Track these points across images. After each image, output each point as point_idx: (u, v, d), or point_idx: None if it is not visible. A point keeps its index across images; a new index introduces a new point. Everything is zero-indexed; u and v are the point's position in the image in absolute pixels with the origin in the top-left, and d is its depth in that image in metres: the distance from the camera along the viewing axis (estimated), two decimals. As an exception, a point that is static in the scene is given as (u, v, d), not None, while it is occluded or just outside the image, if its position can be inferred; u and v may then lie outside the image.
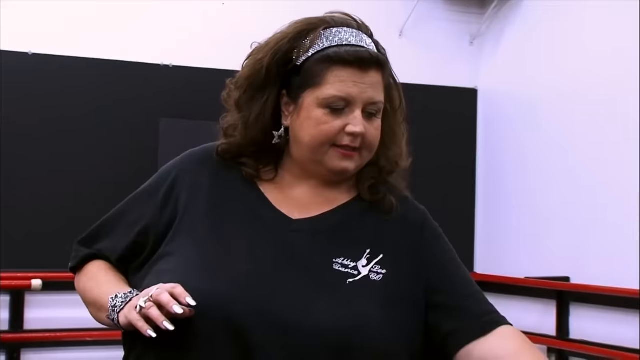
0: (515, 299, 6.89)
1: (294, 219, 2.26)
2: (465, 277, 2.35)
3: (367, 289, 2.19)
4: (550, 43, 6.83)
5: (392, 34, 6.92)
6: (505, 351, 2.20)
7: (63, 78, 6.21)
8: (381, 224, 2.29)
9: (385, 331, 2.16)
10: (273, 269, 2.18)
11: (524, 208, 6.97)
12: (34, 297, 6.05)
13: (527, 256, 6.90)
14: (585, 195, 6.54)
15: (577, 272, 6.56)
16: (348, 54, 2.19)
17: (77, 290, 2.37)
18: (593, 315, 6.49)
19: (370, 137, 2.22)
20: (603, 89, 6.47)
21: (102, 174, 6.10)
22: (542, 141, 6.86)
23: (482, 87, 7.30)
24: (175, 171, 2.34)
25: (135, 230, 2.31)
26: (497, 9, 7.13)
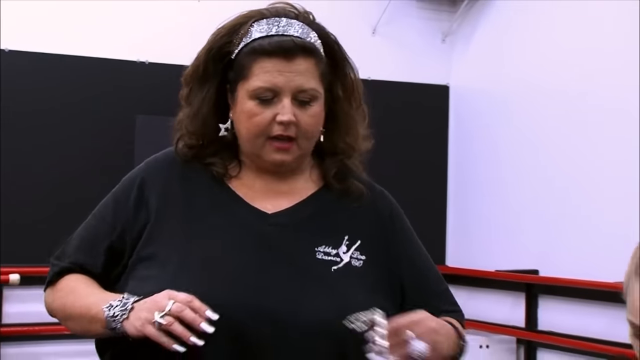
0: (486, 291, 6.93)
1: (270, 213, 2.27)
2: (434, 274, 2.39)
3: (352, 276, 2.23)
4: (521, 40, 6.86)
5: (366, 32, 6.94)
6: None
7: (42, 75, 6.19)
8: (354, 211, 2.31)
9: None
10: (258, 266, 2.19)
11: (494, 203, 6.99)
12: (11, 292, 6.06)
13: (497, 250, 6.92)
14: (554, 190, 6.56)
15: (546, 265, 6.58)
16: (270, 44, 2.20)
17: (49, 306, 2.32)
18: (561, 307, 6.51)
19: (305, 125, 2.21)
20: (574, 85, 6.48)
21: (79, 170, 6.09)
22: (513, 137, 6.88)
23: (454, 84, 7.32)
24: (141, 176, 2.33)
25: (111, 238, 2.29)
26: (468, 7, 7.14)
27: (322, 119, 2.27)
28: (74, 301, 2.24)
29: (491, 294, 6.92)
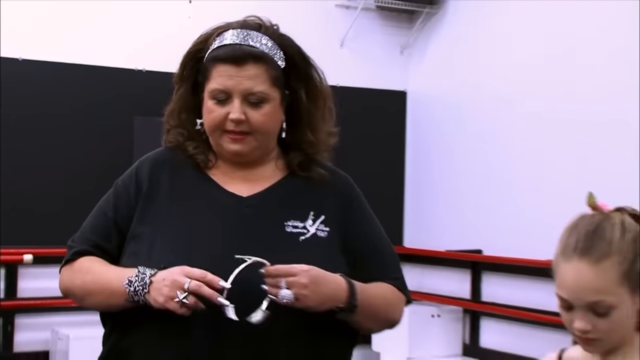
0: (437, 268, 6.94)
1: (244, 196, 2.27)
2: (385, 247, 2.39)
3: (318, 244, 2.24)
4: (469, 52, 6.85)
5: (335, 44, 6.91)
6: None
7: (50, 81, 6.15)
8: (317, 192, 2.31)
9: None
10: (236, 241, 2.19)
11: (446, 193, 6.99)
12: (25, 270, 6.03)
13: (447, 233, 6.92)
14: (497, 182, 6.58)
15: (489, 246, 6.61)
16: (225, 53, 2.21)
17: (65, 282, 2.31)
18: (502, 281, 6.54)
19: (256, 122, 2.21)
20: (517, 92, 6.50)
21: (84, 166, 6.04)
22: (462, 134, 6.89)
23: (411, 90, 7.31)
24: (136, 169, 2.35)
25: (117, 221, 2.29)
26: (423, 24, 7.14)
27: (274, 118, 2.26)
28: (92, 278, 2.23)
29: (442, 271, 6.93)
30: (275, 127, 2.28)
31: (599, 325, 1.88)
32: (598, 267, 1.87)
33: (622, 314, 1.88)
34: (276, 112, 2.26)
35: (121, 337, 2.25)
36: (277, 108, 2.26)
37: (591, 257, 1.88)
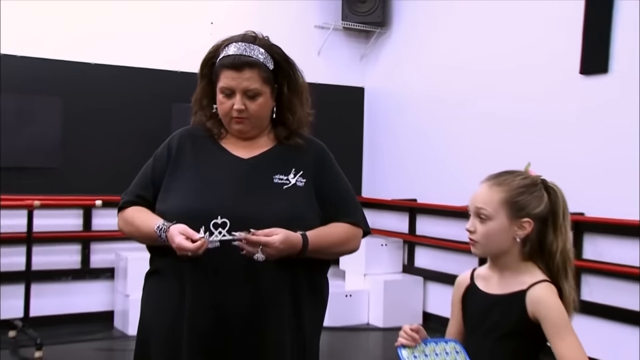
0: (386, 212, 6.94)
1: (245, 158, 2.29)
2: (349, 196, 2.39)
3: (297, 191, 2.26)
4: (408, 60, 6.84)
5: (314, 53, 6.87)
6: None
7: (112, 79, 6.12)
8: (298, 155, 2.32)
9: (310, 217, 2.24)
10: (238, 189, 2.22)
11: (391, 159, 7.00)
12: (96, 211, 6.02)
13: (392, 187, 6.94)
14: (427, 149, 6.60)
15: (422, 195, 6.62)
16: (229, 62, 2.23)
17: (120, 225, 2.35)
18: (430, 221, 6.56)
19: (252, 110, 2.24)
20: (444, 87, 6.51)
21: (136, 139, 6.02)
22: (403, 117, 6.88)
23: (367, 86, 7.29)
24: (169, 141, 2.37)
25: (154, 178, 2.32)
26: (376, 39, 7.12)
27: (266, 106, 2.26)
28: (136, 224, 2.27)
29: (388, 213, 6.92)
30: (266, 112, 2.29)
31: (478, 228, 1.94)
32: (491, 188, 1.94)
33: (495, 226, 1.93)
34: (267, 101, 2.26)
35: (158, 260, 2.30)
36: (268, 99, 2.26)
37: (491, 182, 1.95)
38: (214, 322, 2.14)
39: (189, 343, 2.14)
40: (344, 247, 2.32)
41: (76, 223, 6.05)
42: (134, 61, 6.17)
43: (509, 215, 1.92)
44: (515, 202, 1.92)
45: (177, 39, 6.29)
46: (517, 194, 1.93)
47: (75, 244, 6.07)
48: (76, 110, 5.95)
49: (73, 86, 5.94)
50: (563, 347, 1.83)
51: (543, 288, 1.90)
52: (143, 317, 2.29)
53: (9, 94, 5.70)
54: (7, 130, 5.68)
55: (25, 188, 5.71)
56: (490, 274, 2.01)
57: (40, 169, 5.85)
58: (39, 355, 5.10)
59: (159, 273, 2.27)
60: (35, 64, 5.82)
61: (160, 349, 2.19)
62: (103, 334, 5.77)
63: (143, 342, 2.25)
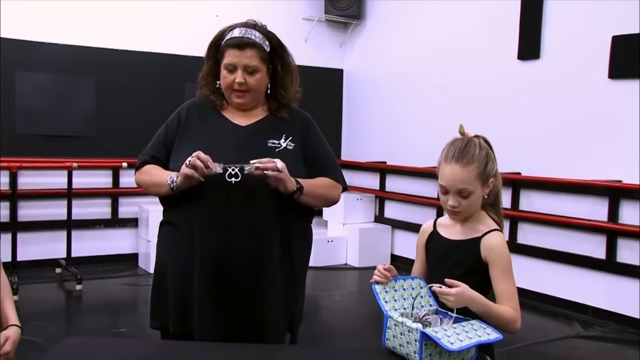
0: (361, 172, 6.91)
1: (243, 125, 2.25)
2: (330, 158, 2.35)
3: (287, 154, 2.20)
4: (381, 46, 6.79)
5: (301, 41, 6.80)
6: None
7: (135, 63, 6.03)
8: (288, 123, 2.28)
9: (299, 175, 2.18)
10: (237, 151, 2.17)
11: (366, 128, 6.97)
12: (123, 172, 5.99)
13: (367, 150, 6.91)
14: (396, 119, 6.59)
15: (391, 158, 6.62)
16: (233, 42, 2.19)
17: (137, 179, 2.31)
18: (398, 179, 6.55)
19: (251, 84, 2.20)
20: (412, 69, 6.48)
21: (155, 112, 5.92)
22: (377, 92, 6.84)
23: (345, 68, 7.22)
24: (179, 110, 2.32)
25: (166, 141, 2.28)
26: (352, 29, 7.05)
27: (262, 81, 2.22)
28: (150, 178, 2.24)
29: (363, 173, 6.91)
30: (262, 87, 2.24)
31: (462, 203, 1.91)
32: (465, 169, 1.89)
33: (475, 197, 1.91)
34: (263, 78, 2.22)
35: (169, 211, 2.26)
36: (264, 75, 2.22)
37: (462, 162, 1.89)
38: (220, 259, 2.10)
39: (199, 280, 2.12)
40: (327, 194, 2.27)
41: (107, 181, 6.02)
42: (153, 47, 6.11)
43: (482, 183, 1.90)
44: (485, 172, 1.90)
45: (188, 29, 6.21)
46: (484, 165, 1.90)
47: (106, 199, 6.05)
48: (107, 88, 5.90)
49: (105, 68, 5.89)
50: (504, 288, 1.85)
51: (495, 236, 1.89)
52: (159, 258, 2.26)
53: (53, 75, 5.67)
54: (51, 104, 5.67)
55: (65, 152, 5.71)
56: (452, 223, 1.99)
57: (78, 137, 5.82)
58: (79, 288, 5.14)
59: (171, 223, 2.23)
60: (75, 50, 5.77)
61: (175, 282, 2.17)
62: (129, 272, 5.79)
63: (160, 277, 2.23)
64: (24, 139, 5.56)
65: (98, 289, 5.23)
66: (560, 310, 4.98)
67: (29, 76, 5.58)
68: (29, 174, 5.64)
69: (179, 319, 2.17)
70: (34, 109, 5.60)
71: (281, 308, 2.20)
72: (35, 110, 5.60)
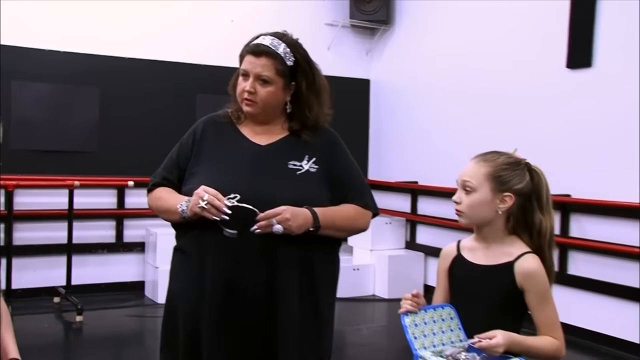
0: (390, 193, 6.92)
1: (262, 145, 2.27)
2: (357, 177, 2.35)
3: (309, 177, 2.21)
4: (409, 53, 6.81)
5: (323, 48, 6.84)
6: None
7: (142, 72, 6.12)
8: (311, 144, 2.27)
9: (321, 201, 2.19)
10: (255, 173, 2.19)
11: (395, 144, 6.99)
12: (129, 191, 6.03)
13: (395, 170, 6.92)
14: (428, 135, 6.58)
15: (423, 178, 6.61)
16: (250, 47, 2.23)
17: (149, 204, 2.35)
18: (431, 201, 6.54)
19: (260, 95, 2.22)
20: (440, 79, 6.48)
21: (165, 126, 6.03)
22: (405, 104, 6.86)
23: (372, 78, 7.27)
24: (194, 128, 2.35)
25: (179, 162, 2.31)
26: (380, 36, 7.09)
27: (275, 96, 2.22)
28: (162, 203, 2.27)
29: (392, 194, 6.92)
30: (274, 102, 2.24)
31: (463, 199, 1.95)
32: (478, 163, 1.94)
33: (479, 198, 1.92)
34: (277, 92, 2.22)
35: (182, 238, 2.28)
36: (278, 90, 2.22)
37: (480, 158, 1.95)
38: (230, 290, 2.11)
39: (209, 314, 2.13)
40: (353, 224, 2.27)
41: (111, 201, 6.08)
42: (162, 55, 6.18)
43: (492, 188, 1.91)
44: (499, 176, 1.91)
45: (200, 35, 6.29)
46: (500, 169, 1.92)
47: (110, 220, 6.10)
48: (111, 99, 5.98)
49: (109, 78, 5.97)
50: (543, 316, 1.85)
51: (531, 260, 1.88)
52: (171, 288, 2.28)
53: (52, 85, 5.75)
54: (50, 117, 5.74)
55: (66, 169, 5.78)
56: (476, 245, 2.00)
57: (80, 153, 5.89)
58: (79, 320, 5.16)
59: (183, 250, 2.25)
60: (76, 58, 5.85)
61: (185, 317, 2.18)
62: (135, 302, 5.82)
63: (171, 310, 2.25)
64: (21, 154, 5.62)
65: (100, 320, 5.25)
66: (618, 352, 4.86)
67: (27, 86, 5.66)
68: (26, 193, 5.70)
69: (189, 355, 2.17)
70: (31, 121, 5.67)
71: (299, 347, 2.17)
72: (33, 123, 5.68)
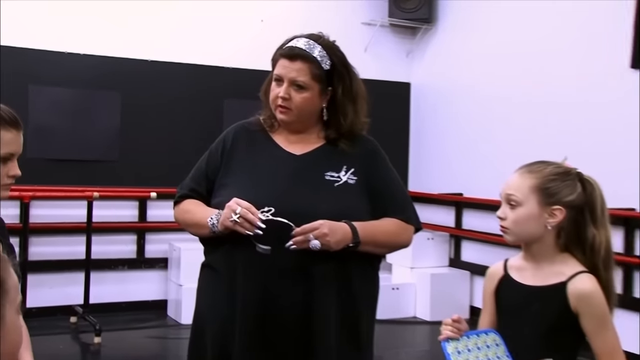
0: (432, 206, 6.88)
1: (297, 154, 2.29)
2: (399, 189, 2.37)
3: (348, 189, 2.23)
4: (453, 55, 6.80)
5: (361, 50, 6.85)
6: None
7: (166, 76, 6.18)
8: (349, 153, 2.29)
9: (360, 215, 2.21)
10: (290, 185, 2.21)
11: (437, 153, 6.96)
12: (151, 203, 6.10)
13: (438, 181, 6.90)
14: (473, 143, 6.55)
15: (468, 189, 6.59)
16: (285, 51, 2.24)
17: (176, 217, 2.37)
18: (476, 215, 6.50)
19: (294, 102, 2.23)
20: (486, 82, 6.46)
21: (191, 133, 6.09)
22: (448, 109, 6.84)
23: (413, 81, 7.26)
24: (224, 136, 2.37)
25: (208, 173, 2.33)
26: (422, 36, 7.08)
27: (310, 102, 2.24)
28: (190, 217, 2.30)
29: (434, 207, 6.87)
30: (310, 108, 2.26)
31: (508, 215, 1.92)
32: (523, 175, 1.91)
33: (525, 212, 1.90)
34: (313, 98, 2.24)
35: (210, 253, 2.31)
36: (314, 96, 2.24)
37: (525, 169, 1.92)
38: (263, 310, 2.14)
39: (240, 336, 2.14)
40: (394, 240, 2.29)
41: (132, 214, 6.15)
42: (187, 58, 6.24)
43: (540, 201, 1.88)
44: (546, 188, 1.88)
45: (229, 36, 6.34)
46: (548, 180, 1.89)
47: (131, 234, 6.17)
48: (134, 105, 6.05)
49: (131, 82, 6.04)
50: (602, 343, 1.80)
51: (586, 281, 1.84)
52: (198, 308, 2.30)
53: (72, 89, 5.85)
54: (69, 124, 5.83)
55: (84, 179, 5.84)
56: (525, 264, 1.97)
57: (99, 162, 5.96)
58: (97, 341, 5.20)
59: (212, 267, 2.27)
60: (96, 61, 5.93)
61: (215, 339, 2.20)
62: (157, 322, 5.85)
63: (199, 331, 2.27)
64: (37, 163, 5.68)
65: (120, 342, 5.30)
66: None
67: (44, 91, 5.76)
68: (43, 204, 5.78)
69: None
70: (49, 128, 5.76)
71: None
72: (50, 131, 5.77)
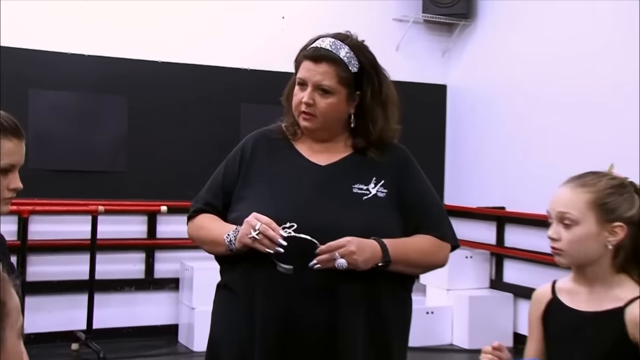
0: (471, 221, 6.85)
1: (322, 165, 2.29)
2: (433, 203, 2.37)
3: (377, 203, 2.24)
4: (494, 54, 6.80)
5: (392, 49, 6.85)
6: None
7: (178, 79, 6.21)
8: (379, 163, 2.29)
9: (391, 231, 2.21)
10: (315, 198, 2.22)
11: (476, 163, 6.95)
12: (161, 218, 6.12)
13: (478, 193, 6.88)
14: (516, 153, 6.53)
15: (510, 203, 6.55)
16: (309, 52, 2.24)
17: (190, 233, 2.39)
18: (520, 231, 6.48)
19: (319, 107, 2.23)
20: (531, 83, 6.45)
21: (205, 141, 6.10)
22: (489, 115, 6.84)
23: (450, 84, 7.27)
24: (242, 145, 2.38)
25: (225, 185, 2.34)
26: (459, 33, 7.08)
27: (337, 108, 2.24)
28: (205, 233, 2.31)
29: (473, 222, 6.85)
30: (336, 115, 2.27)
31: (563, 235, 1.89)
32: (575, 190, 1.88)
33: (583, 232, 1.87)
34: (340, 104, 2.25)
35: (226, 272, 2.33)
36: (341, 101, 2.25)
37: (575, 183, 1.89)
38: (284, 333, 2.15)
39: (260, 355, 2.15)
40: (428, 259, 2.30)
41: (140, 230, 6.16)
42: (200, 59, 6.25)
43: (598, 219, 1.85)
44: (604, 203, 1.85)
45: (246, 36, 6.35)
46: (605, 195, 1.86)
47: (139, 252, 6.18)
48: (142, 110, 6.06)
49: (139, 85, 6.07)
50: None
51: None
52: (213, 333, 2.32)
53: (75, 93, 5.87)
54: (72, 131, 5.85)
55: (88, 192, 5.85)
56: (577, 287, 1.96)
57: (105, 173, 5.98)
58: (101, 370, 5.21)
59: (229, 287, 2.29)
60: (102, 62, 5.95)
61: None
62: (167, 349, 5.87)
63: (213, 357, 2.29)
64: (37, 174, 5.67)
65: (126, 370, 5.31)
66: None
67: (45, 95, 5.79)
68: (43, 219, 5.79)
69: None
70: (50, 136, 5.78)
71: None
72: (52, 138, 5.79)
